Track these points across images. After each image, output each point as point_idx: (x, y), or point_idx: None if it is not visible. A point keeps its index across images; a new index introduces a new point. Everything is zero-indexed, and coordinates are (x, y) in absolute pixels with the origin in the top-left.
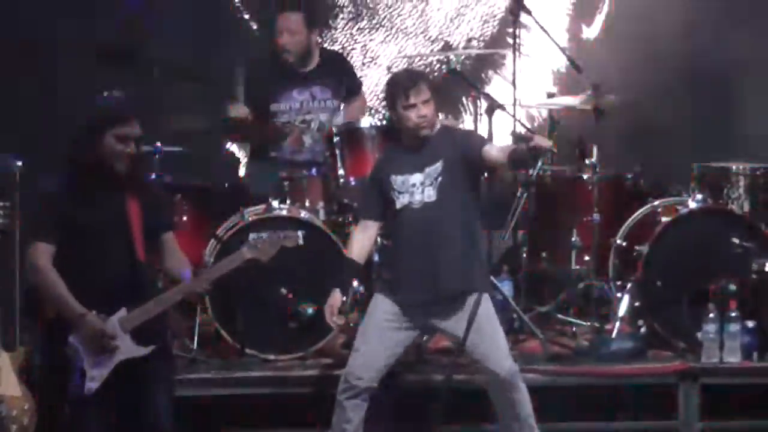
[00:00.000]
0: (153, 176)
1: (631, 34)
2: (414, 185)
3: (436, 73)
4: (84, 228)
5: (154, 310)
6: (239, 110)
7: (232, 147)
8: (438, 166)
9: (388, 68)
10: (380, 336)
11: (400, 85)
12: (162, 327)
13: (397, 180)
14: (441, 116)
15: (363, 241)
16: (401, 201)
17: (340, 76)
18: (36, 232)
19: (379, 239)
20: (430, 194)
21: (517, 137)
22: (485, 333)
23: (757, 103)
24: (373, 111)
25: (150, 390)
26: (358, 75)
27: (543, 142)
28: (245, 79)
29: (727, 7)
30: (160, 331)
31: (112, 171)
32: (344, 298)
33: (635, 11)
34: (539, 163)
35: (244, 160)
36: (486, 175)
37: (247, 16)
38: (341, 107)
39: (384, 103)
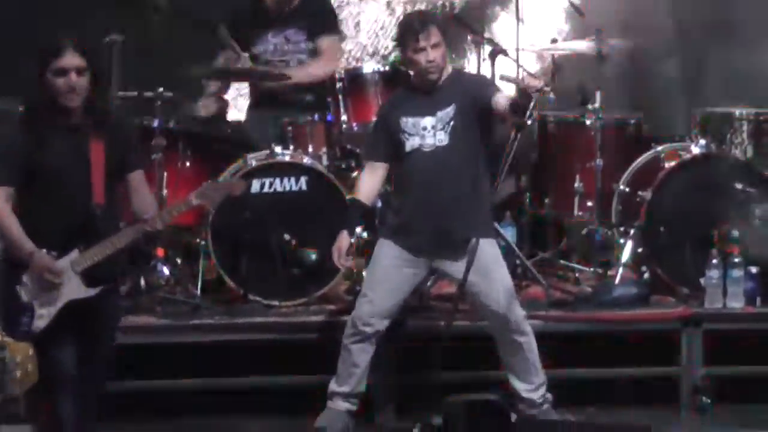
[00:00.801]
0: (156, 122)
1: None
2: (425, 128)
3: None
4: (42, 169)
5: (106, 251)
6: (228, 54)
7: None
8: (450, 110)
9: (388, 3)
10: (387, 281)
11: (411, 28)
12: (114, 269)
13: (408, 122)
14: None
15: (370, 182)
16: (411, 144)
17: (315, 17)
18: None
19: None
20: (441, 138)
21: (505, 79)
22: (491, 277)
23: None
24: (372, 52)
25: (93, 330)
26: (355, 11)
27: (532, 81)
28: (235, 21)
29: None
30: (111, 272)
31: (63, 108)
32: (352, 240)
33: None
34: (532, 104)
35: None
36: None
37: None
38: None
39: (381, 41)
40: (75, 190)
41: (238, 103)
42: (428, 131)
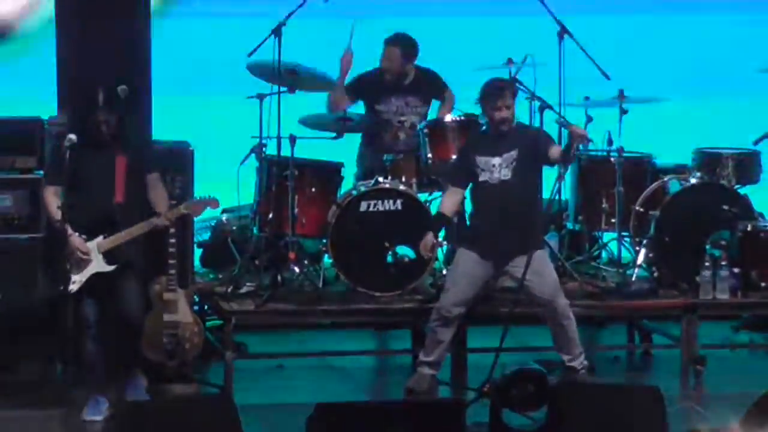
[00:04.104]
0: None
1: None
2: (494, 165)
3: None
4: (81, 176)
5: (124, 238)
6: (344, 98)
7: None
8: (514, 153)
9: None
10: (465, 279)
11: (492, 91)
12: (130, 251)
13: (481, 160)
14: None
15: (452, 201)
16: (483, 177)
17: (429, 88)
18: (47, 176)
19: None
20: (506, 174)
21: (560, 123)
22: (544, 275)
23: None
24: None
25: (121, 293)
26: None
27: (579, 130)
28: (359, 78)
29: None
30: (128, 253)
31: (100, 139)
32: (435, 240)
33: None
34: (575, 145)
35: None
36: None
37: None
38: (429, 109)
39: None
40: (103, 191)
41: None
42: (496, 168)
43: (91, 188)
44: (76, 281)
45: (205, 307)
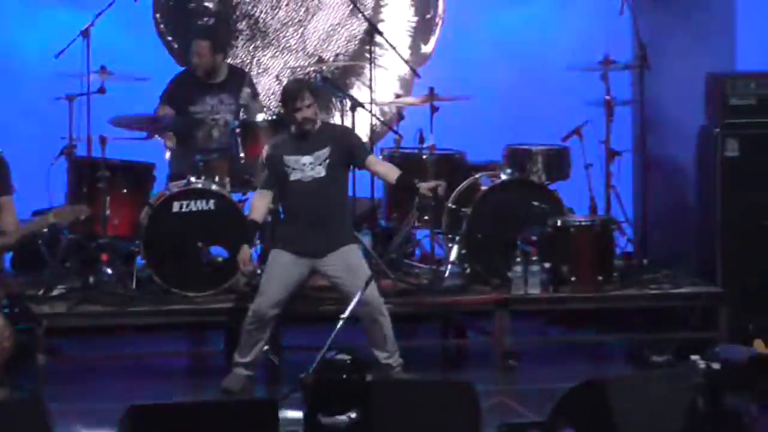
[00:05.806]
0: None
1: (457, 50)
2: (305, 164)
3: (313, 79)
4: None
5: None
6: (166, 110)
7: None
8: (326, 151)
9: (277, 77)
10: (280, 280)
11: (290, 93)
12: None
13: (290, 160)
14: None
15: (261, 204)
16: (294, 176)
17: (241, 86)
18: None
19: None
20: (320, 171)
21: (405, 186)
22: (356, 272)
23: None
24: (266, 108)
25: None
26: (255, 82)
27: (425, 191)
28: (171, 84)
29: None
30: None
31: None
32: (250, 250)
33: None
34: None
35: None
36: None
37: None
38: (242, 109)
39: (273, 102)
40: None
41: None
42: (307, 167)
43: None
44: None
45: (16, 310)
